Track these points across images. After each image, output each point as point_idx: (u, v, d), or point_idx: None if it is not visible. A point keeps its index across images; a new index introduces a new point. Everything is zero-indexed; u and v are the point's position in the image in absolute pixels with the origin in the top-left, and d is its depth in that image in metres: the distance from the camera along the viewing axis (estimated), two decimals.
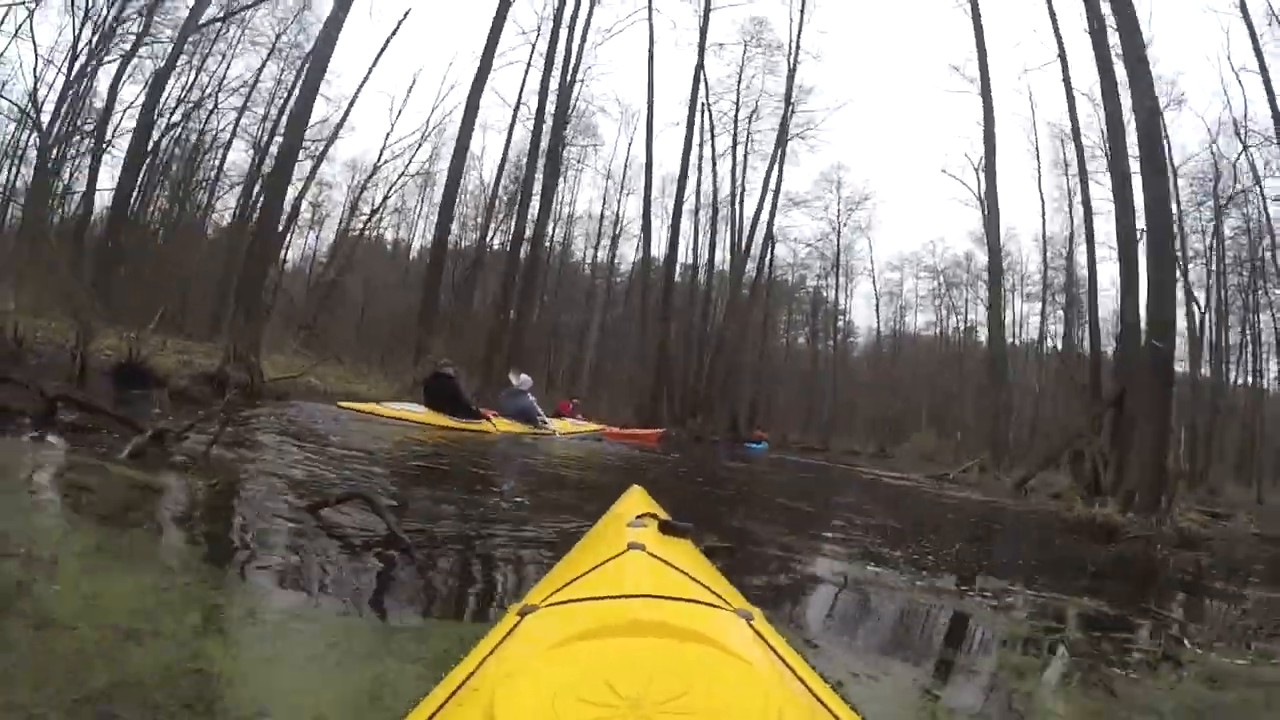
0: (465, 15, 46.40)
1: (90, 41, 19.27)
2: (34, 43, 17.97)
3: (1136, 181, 10.47)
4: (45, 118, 18.95)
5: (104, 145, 20.01)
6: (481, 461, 5.94)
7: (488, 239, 25.25)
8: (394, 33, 21.63)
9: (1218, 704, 2.12)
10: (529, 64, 22.54)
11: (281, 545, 2.39)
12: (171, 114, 21.70)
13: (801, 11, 24.78)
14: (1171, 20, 31.13)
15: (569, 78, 22.02)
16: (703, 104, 25.29)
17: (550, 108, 21.51)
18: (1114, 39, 10.78)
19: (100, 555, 1.92)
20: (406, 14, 22.13)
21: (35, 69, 18.29)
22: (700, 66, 24.68)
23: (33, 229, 16.71)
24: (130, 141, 19.32)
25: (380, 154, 26.07)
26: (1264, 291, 21.95)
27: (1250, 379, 23.53)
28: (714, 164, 26.40)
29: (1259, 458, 21.72)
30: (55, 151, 19.60)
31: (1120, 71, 10.73)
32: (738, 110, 26.53)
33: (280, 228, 26.25)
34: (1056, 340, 28.45)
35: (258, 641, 1.62)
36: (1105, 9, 11.26)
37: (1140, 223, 10.42)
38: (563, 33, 21.60)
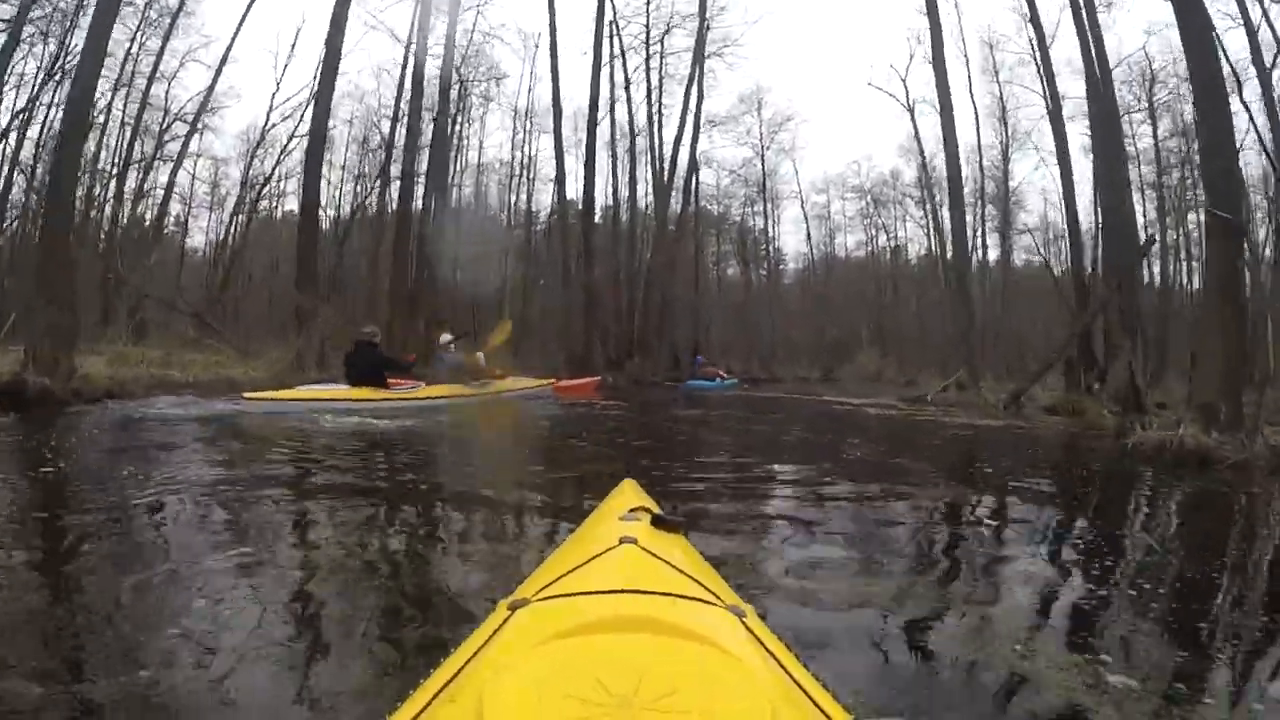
0: None
1: None
2: None
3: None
4: None
5: None
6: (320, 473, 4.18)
7: (387, 195, 22.64)
8: None
9: None
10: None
11: None
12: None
13: None
14: None
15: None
16: (610, 22, 22.98)
17: (441, 34, 18.88)
18: None
19: None
20: None
21: None
22: None
23: None
24: None
25: (267, 116, 23.21)
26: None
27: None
28: (627, 89, 24.24)
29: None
30: None
31: None
32: (648, 32, 24.34)
33: (157, 205, 23.02)
34: (988, 251, 27.97)
35: None
36: None
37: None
38: None
